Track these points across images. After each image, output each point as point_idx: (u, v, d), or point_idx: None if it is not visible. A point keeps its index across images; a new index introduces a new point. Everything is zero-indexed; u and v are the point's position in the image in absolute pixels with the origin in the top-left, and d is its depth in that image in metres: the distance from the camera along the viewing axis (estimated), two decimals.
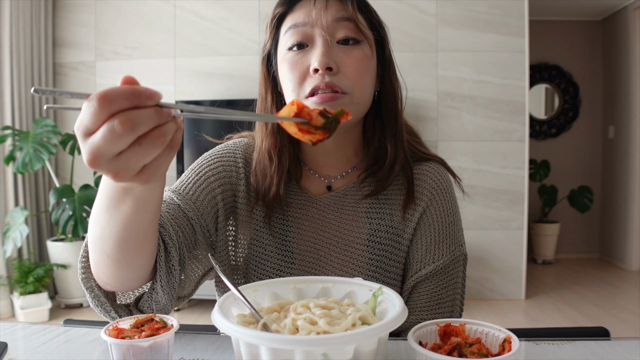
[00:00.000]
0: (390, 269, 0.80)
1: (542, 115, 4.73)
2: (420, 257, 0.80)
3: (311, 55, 0.72)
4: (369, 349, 0.50)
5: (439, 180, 0.82)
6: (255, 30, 3.40)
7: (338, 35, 0.72)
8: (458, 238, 0.83)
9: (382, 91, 0.81)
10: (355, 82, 0.73)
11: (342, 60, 0.72)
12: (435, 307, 0.79)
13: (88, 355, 0.66)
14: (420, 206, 0.81)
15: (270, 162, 0.80)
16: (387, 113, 0.80)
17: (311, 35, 0.73)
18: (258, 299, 0.64)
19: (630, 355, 0.63)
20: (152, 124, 0.40)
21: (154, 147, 0.41)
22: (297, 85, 0.73)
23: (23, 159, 2.94)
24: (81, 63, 3.55)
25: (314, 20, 0.72)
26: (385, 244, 0.80)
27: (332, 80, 0.71)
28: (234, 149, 0.86)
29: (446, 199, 0.82)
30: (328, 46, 0.72)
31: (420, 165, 0.84)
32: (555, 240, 4.42)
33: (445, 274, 0.80)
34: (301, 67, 0.72)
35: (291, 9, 0.75)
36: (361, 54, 0.73)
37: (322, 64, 0.70)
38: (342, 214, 0.81)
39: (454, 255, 0.81)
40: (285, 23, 0.76)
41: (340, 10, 0.73)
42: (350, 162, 0.84)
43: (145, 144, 0.40)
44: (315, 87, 0.71)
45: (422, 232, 0.81)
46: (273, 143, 0.79)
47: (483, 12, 3.26)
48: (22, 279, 2.92)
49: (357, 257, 0.80)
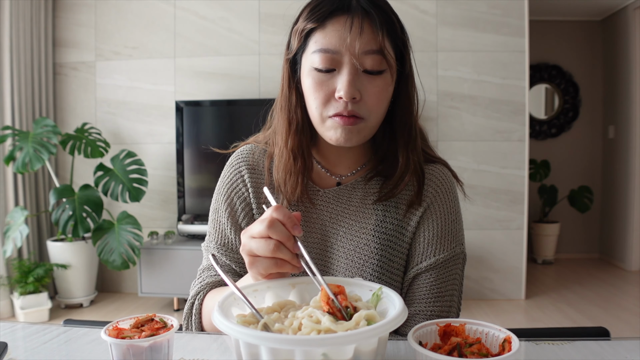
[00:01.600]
0: (394, 259, 0.84)
1: (542, 115, 4.74)
2: (422, 250, 0.83)
3: (337, 81, 0.74)
4: (369, 349, 0.50)
5: (444, 180, 0.86)
6: (256, 30, 3.40)
7: (366, 65, 0.74)
8: (459, 236, 0.86)
9: (397, 102, 0.83)
10: (374, 110, 0.76)
11: (365, 89, 0.75)
12: (434, 300, 0.82)
13: (88, 355, 0.66)
14: (424, 202, 0.84)
15: (294, 160, 0.83)
16: (400, 124, 0.83)
17: (340, 61, 0.74)
18: (258, 299, 0.64)
19: (630, 355, 0.63)
20: (286, 257, 0.62)
21: (274, 267, 0.63)
22: (321, 105, 0.76)
23: (23, 159, 2.94)
24: (81, 63, 3.55)
25: (346, 48, 0.73)
26: (390, 234, 0.84)
27: (353, 109, 0.74)
28: (237, 163, 0.90)
29: (449, 198, 0.86)
30: (355, 75, 0.74)
31: (427, 166, 0.87)
32: (555, 240, 4.42)
33: (445, 268, 0.83)
34: (327, 89, 0.75)
35: (323, 25, 0.75)
36: (383, 84, 0.76)
37: (349, 96, 0.73)
38: (350, 206, 0.85)
39: (454, 252, 0.84)
40: (316, 39, 0.75)
41: (371, 41, 0.73)
42: (359, 162, 0.89)
43: (273, 265, 0.64)
44: (338, 113, 0.75)
45: (425, 226, 0.84)
46: (298, 142, 0.82)
47: (483, 12, 3.26)
48: (22, 279, 2.92)
49: (364, 245, 0.83)
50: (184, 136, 3.26)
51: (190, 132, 3.26)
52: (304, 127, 0.82)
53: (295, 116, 0.82)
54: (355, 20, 0.73)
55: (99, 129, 3.40)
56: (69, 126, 3.54)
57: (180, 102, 3.26)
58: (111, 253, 2.98)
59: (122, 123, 3.52)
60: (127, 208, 3.40)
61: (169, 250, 3.06)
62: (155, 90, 3.48)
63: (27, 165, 2.93)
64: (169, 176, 3.48)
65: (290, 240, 0.62)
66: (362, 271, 0.82)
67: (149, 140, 3.51)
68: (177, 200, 3.29)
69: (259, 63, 3.39)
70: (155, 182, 3.45)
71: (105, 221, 3.09)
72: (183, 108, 3.25)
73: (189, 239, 3.27)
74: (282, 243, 0.62)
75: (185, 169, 3.25)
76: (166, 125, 3.48)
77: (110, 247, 2.99)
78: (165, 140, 3.48)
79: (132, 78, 3.49)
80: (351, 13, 0.73)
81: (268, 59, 3.39)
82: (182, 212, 3.26)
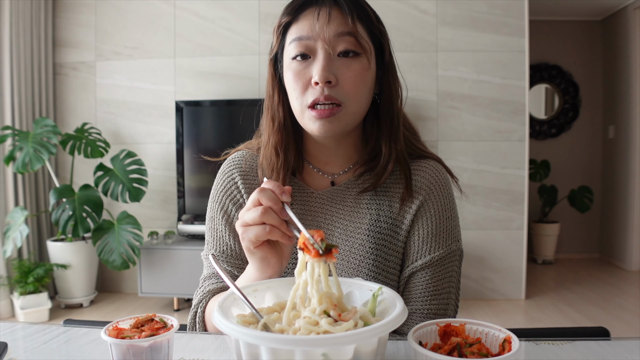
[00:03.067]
0: (390, 258, 0.84)
1: (542, 115, 4.74)
2: (417, 248, 0.83)
3: (313, 68, 0.77)
4: (369, 349, 0.50)
5: (437, 176, 0.86)
6: (256, 30, 3.40)
7: (339, 48, 0.77)
8: (455, 233, 0.85)
9: (381, 93, 0.85)
10: (352, 95, 0.78)
11: (341, 73, 0.77)
12: (430, 298, 0.81)
13: (88, 355, 0.66)
14: (417, 199, 0.84)
15: (277, 157, 0.84)
16: (383, 115, 0.84)
17: (314, 47, 0.77)
18: (258, 299, 0.64)
19: (630, 355, 0.63)
20: (276, 224, 0.64)
21: (263, 233, 0.64)
22: (300, 94, 0.78)
23: (23, 159, 2.94)
24: (81, 63, 3.55)
25: (317, 34, 0.77)
26: (385, 233, 0.84)
27: (330, 93, 0.76)
28: (229, 170, 0.91)
29: (444, 194, 0.85)
30: (329, 60, 0.76)
31: (419, 161, 0.87)
32: (555, 240, 4.42)
33: (441, 266, 0.83)
34: (304, 77, 0.78)
35: (296, 18, 0.79)
36: (359, 67, 0.78)
37: (322, 78, 0.75)
38: (344, 206, 0.86)
39: (451, 249, 0.84)
40: (291, 32, 0.80)
41: (341, 25, 0.77)
42: (351, 159, 0.89)
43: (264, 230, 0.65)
44: (315, 99, 0.76)
45: (420, 224, 0.84)
46: (280, 139, 0.84)
47: (483, 12, 3.26)
48: (22, 279, 2.92)
49: (358, 245, 0.83)
50: (184, 136, 3.26)
51: (190, 132, 3.26)
52: (287, 124, 0.84)
53: (278, 114, 0.84)
54: (323, 8, 0.77)
55: (99, 129, 3.40)
56: (69, 126, 3.55)
57: (180, 102, 3.26)
58: (111, 253, 2.98)
59: (122, 123, 3.52)
60: (127, 208, 3.40)
61: (169, 250, 3.06)
62: (155, 90, 3.48)
63: (27, 165, 2.93)
64: (169, 176, 3.48)
65: (277, 204, 0.64)
66: (358, 272, 0.82)
67: (149, 140, 3.51)
68: (177, 200, 3.29)
69: (259, 63, 3.39)
70: (155, 182, 3.46)
71: (105, 221, 3.09)
72: (183, 108, 3.25)
73: (189, 239, 3.27)
74: (271, 208, 0.63)
75: (185, 169, 3.25)
76: (166, 125, 3.48)
77: (110, 247, 2.99)
78: (165, 140, 3.48)
79: (132, 78, 3.49)
80: (319, 4, 0.78)
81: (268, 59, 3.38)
82: (182, 212, 3.26)
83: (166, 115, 3.47)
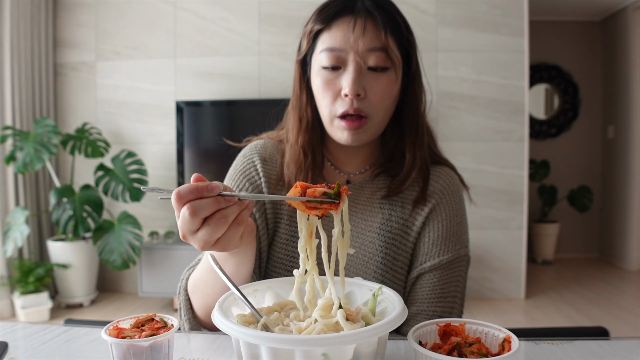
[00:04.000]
0: (398, 257, 0.84)
1: (541, 116, 4.73)
2: (426, 251, 0.84)
3: (343, 79, 0.78)
4: (369, 349, 0.50)
5: (450, 183, 0.88)
6: (256, 30, 3.40)
7: (369, 62, 0.78)
8: (464, 239, 0.87)
9: (405, 100, 0.86)
10: (379, 108, 0.79)
11: (370, 86, 0.78)
12: (436, 301, 0.82)
13: (88, 355, 0.67)
14: (430, 203, 0.85)
15: (305, 157, 0.86)
16: (407, 123, 0.86)
17: (345, 59, 0.78)
18: (258, 299, 0.64)
19: (630, 355, 0.64)
20: (212, 209, 0.52)
21: (218, 226, 0.53)
22: (330, 103, 0.80)
23: (24, 159, 2.94)
24: (81, 63, 3.55)
25: (350, 47, 0.77)
26: (396, 233, 0.85)
27: (359, 106, 0.78)
28: (251, 154, 0.91)
29: (455, 200, 0.87)
30: (359, 73, 0.77)
31: (434, 167, 0.89)
32: (555, 240, 4.42)
33: (448, 269, 0.84)
34: (334, 87, 0.79)
35: (329, 26, 0.79)
36: (387, 81, 0.79)
37: (353, 92, 0.76)
38: (357, 204, 0.87)
39: (459, 254, 0.85)
40: (323, 40, 0.80)
41: (374, 39, 0.77)
42: (369, 161, 0.91)
43: (212, 224, 0.53)
44: (345, 111, 0.78)
45: (430, 227, 0.85)
46: (308, 139, 0.86)
47: (483, 12, 3.26)
48: (23, 278, 2.92)
49: (369, 243, 0.84)
50: (184, 136, 3.26)
51: (190, 132, 3.26)
52: (314, 125, 0.86)
53: (306, 114, 0.85)
54: (358, 20, 0.77)
55: (99, 129, 3.40)
56: (69, 126, 3.55)
57: (180, 102, 3.27)
58: (111, 253, 2.98)
59: (123, 123, 3.52)
60: (128, 208, 3.41)
61: (169, 250, 3.06)
62: (156, 90, 3.48)
63: (28, 165, 2.93)
64: (169, 176, 3.48)
65: (202, 191, 0.52)
66: (366, 268, 0.83)
67: (149, 140, 3.51)
68: None
69: (259, 63, 3.39)
70: (155, 182, 3.46)
71: (106, 221, 3.09)
72: (183, 108, 3.25)
73: None
74: (203, 197, 0.53)
75: (185, 169, 3.25)
76: (166, 126, 3.48)
77: (111, 247, 2.99)
78: (166, 140, 3.48)
79: (133, 78, 3.49)
80: (355, 14, 0.77)
81: (268, 59, 3.39)
82: None
83: (166, 116, 3.47)
